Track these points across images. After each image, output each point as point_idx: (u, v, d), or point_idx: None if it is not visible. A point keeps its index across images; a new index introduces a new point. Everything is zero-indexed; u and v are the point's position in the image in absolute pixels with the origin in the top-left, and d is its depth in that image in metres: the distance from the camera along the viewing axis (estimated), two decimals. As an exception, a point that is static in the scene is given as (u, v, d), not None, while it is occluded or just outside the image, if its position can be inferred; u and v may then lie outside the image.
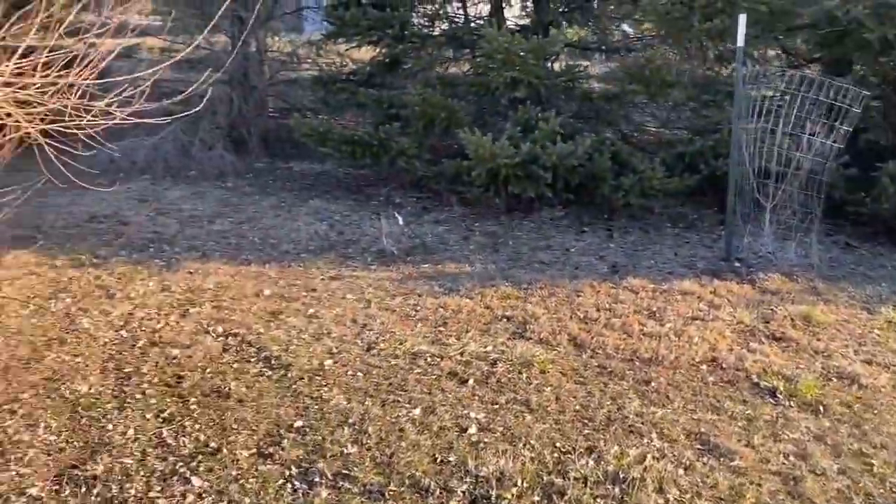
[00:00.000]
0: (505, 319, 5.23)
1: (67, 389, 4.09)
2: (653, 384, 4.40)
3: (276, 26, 10.86)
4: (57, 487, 3.29)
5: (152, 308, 5.23)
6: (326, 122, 8.22)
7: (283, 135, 10.42)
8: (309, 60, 10.22)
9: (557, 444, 3.76)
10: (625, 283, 5.90)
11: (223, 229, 7.12)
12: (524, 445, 3.73)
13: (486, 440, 3.77)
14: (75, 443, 3.63)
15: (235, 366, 4.47)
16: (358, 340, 4.84)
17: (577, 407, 4.13)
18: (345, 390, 4.21)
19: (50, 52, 3.80)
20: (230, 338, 4.83)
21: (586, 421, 3.99)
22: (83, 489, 3.28)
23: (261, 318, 5.15)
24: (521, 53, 7.15)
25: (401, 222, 6.81)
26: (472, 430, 3.86)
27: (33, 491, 3.26)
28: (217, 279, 5.83)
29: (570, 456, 3.67)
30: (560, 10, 8.92)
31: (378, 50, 8.77)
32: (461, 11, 9.57)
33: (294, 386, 4.24)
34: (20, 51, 3.81)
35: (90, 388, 4.13)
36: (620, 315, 5.32)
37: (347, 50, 9.32)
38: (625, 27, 10.46)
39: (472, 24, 9.14)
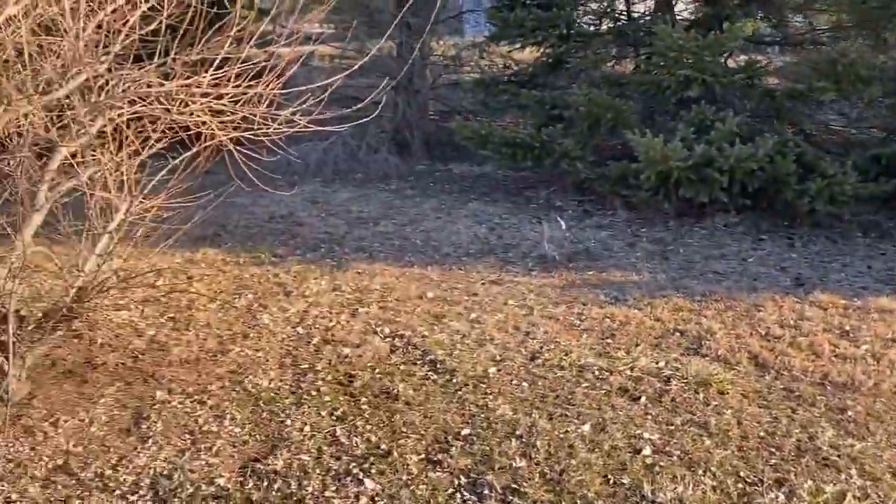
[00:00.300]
0: (677, 333, 4.95)
1: (250, 383, 4.31)
2: (849, 413, 3.98)
3: (440, 30, 11.02)
4: (241, 479, 3.46)
5: (325, 306, 5.43)
6: (487, 125, 8.22)
7: (443, 137, 10.56)
8: (471, 63, 10.28)
9: (741, 474, 3.48)
10: (811, 298, 5.42)
11: (387, 231, 7.29)
12: (704, 472, 3.49)
13: (661, 463, 3.56)
14: (257, 436, 3.80)
15: (402, 368, 4.52)
16: (521, 349, 4.76)
17: (762, 433, 3.81)
18: (510, 400, 4.14)
19: (242, 63, 4.02)
20: (397, 339, 4.91)
21: (773, 450, 3.67)
22: (265, 483, 3.43)
23: (425, 320, 5.20)
24: (696, 50, 6.76)
25: (563, 227, 6.66)
26: (647, 451, 3.66)
27: (221, 481, 3.44)
28: (383, 280, 5.96)
29: (756, 488, 3.38)
30: (735, 2, 8.37)
31: (542, 50, 8.66)
32: (625, 8, 9.23)
33: (459, 392, 4.23)
34: (216, 63, 4.07)
35: (270, 383, 4.32)
36: (807, 333, 4.88)
37: (510, 51, 9.28)
38: (801, 18, 9.68)
39: (640, 21, 8.79)
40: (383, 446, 3.70)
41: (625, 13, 9.21)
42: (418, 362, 4.59)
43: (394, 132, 9.88)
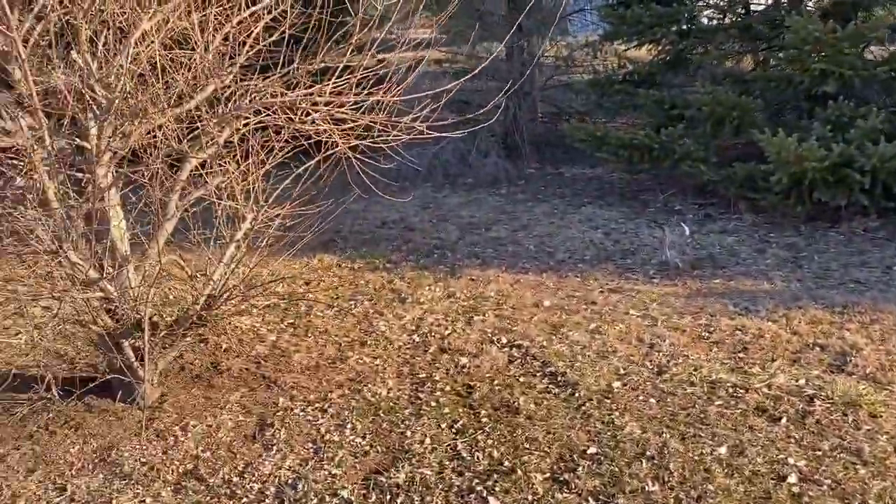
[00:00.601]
0: (818, 348, 4.57)
1: (369, 391, 4.29)
2: None
3: (550, 30, 10.82)
4: (364, 492, 3.42)
5: (440, 314, 5.36)
6: (603, 127, 7.95)
7: (553, 139, 10.36)
8: (585, 63, 10.02)
9: (905, 510, 3.14)
10: (973, 312, 4.89)
11: (500, 236, 7.17)
12: (861, 506, 3.17)
13: (810, 493, 3.26)
14: (378, 447, 3.76)
15: (522, 379, 4.39)
16: (647, 362, 4.52)
17: (926, 464, 3.43)
18: (637, 417, 3.92)
19: (364, 70, 4.00)
20: (514, 349, 4.77)
21: (941, 483, 3.30)
22: (388, 497, 3.37)
23: (542, 330, 5.04)
24: (833, 42, 6.28)
25: (687, 232, 6.33)
26: (792, 479, 3.36)
27: (344, 493, 3.41)
28: (497, 287, 5.84)
29: (924, 527, 3.04)
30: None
31: (660, 47, 8.30)
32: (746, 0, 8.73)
33: (583, 407, 4.05)
34: (336, 71, 4.08)
35: (389, 392, 4.29)
36: (971, 351, 4.40)
37: (626, 50, 8.97)
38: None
39: (769, 13, 8.27)
40: (506, 463, 3.58)
41: (743, 6, 8.71)
42: (538, 374, 4.44)
43: (504, 135, 9.75)
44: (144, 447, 3.79)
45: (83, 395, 4.16)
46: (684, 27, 7.74)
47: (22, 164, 3.42)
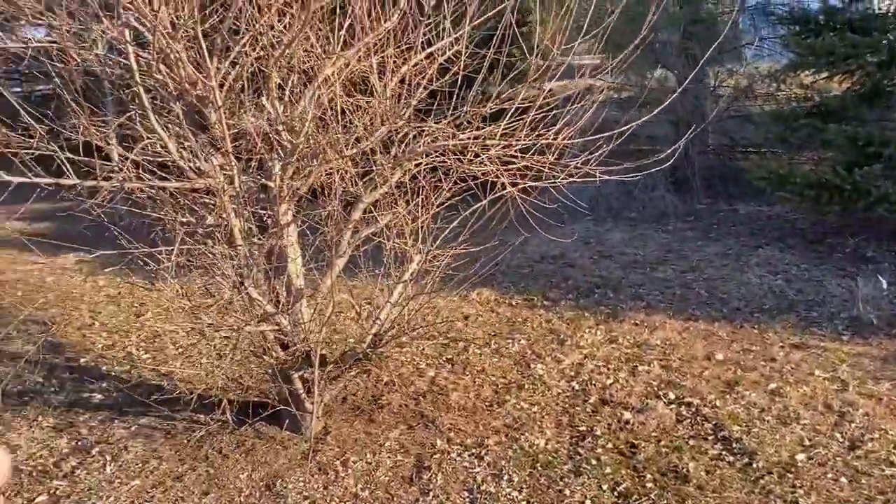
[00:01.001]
0: None
1: (526, 441, 4.17)
2: None
3: (723, 60, 10.27)
4: (522, 552, 3.30)
5: (600, 360, 5.14)
6: (786, 164, 7.38)
7: (726, 173, 9.77)
8: (765, 94, 9.40)
9: None
10: None
11: (666, 277, 6.82)
12: None
13: None
14: (535, 504, 3.63)
15: (691, 442, 4.08)
16: (836, 434, 4.07)
17: None
18: (826, 499, 3.52)
19: (536, 110, 3.93)
20: (683, 407, 4.47)
21: None
22: (546, 561, 3.23)
23: (714, 387, 4.69)
24: None
25: (884, 284, 5.69)
26: None
27: (501, 551, 3.31)
28: (663, 334, 5.53)
29: None
30: None
31: (854, 79, 7.60)
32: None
33: (761, 480, 3.69)
34: (507, 113, 4.03)
35: (546, 444, 4.14)
36: None
37: (814, 81, 8.31)
38: None
39: None
40: (674, 537, 3.32)
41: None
42: (709, 437, 4.12)
43: (672, 168, 9.31)
44: (307, 480, 3.89)
45: (254, 422, 4.35)
46: (885, 57, 7.02)
47: (212, 202, 3.63)
